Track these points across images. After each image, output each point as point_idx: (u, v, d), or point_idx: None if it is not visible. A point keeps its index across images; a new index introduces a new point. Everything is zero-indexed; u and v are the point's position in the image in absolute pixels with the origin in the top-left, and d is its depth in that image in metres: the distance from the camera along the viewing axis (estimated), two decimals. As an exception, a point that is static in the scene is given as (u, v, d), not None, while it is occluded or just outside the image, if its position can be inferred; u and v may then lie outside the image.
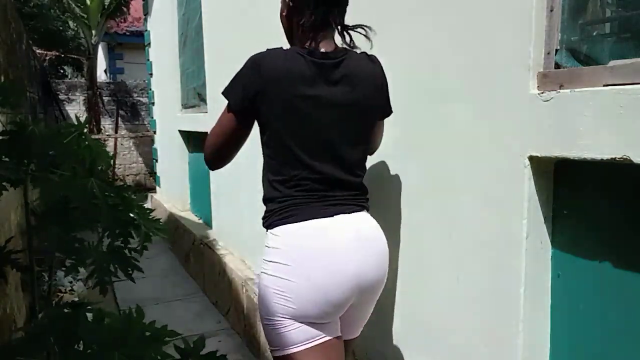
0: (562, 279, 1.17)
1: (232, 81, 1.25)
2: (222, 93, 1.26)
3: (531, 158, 1.13)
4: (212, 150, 1.32)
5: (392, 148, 1.58)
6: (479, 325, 1.29)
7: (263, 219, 1.28)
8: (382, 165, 1.63)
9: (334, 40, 1.28)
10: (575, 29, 1.13)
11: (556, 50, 1.12)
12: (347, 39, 1.29)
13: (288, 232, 1.21)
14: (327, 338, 1.23)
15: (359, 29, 1.30)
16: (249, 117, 1.25)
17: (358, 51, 1.32)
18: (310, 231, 1.20)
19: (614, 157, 0.95)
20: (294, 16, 1.28)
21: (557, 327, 1.19)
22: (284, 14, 1.32)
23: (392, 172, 1.59)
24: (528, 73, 1.12)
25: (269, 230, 1.26)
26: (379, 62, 1.35)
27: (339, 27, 1.29)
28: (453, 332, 1.38)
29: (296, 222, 1.20)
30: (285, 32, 1.36)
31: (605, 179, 1.07)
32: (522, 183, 1.14)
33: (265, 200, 1.29)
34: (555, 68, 1.11)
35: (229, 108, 1.25)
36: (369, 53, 1.35)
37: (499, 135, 1.20)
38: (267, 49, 1.24)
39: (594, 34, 1.17)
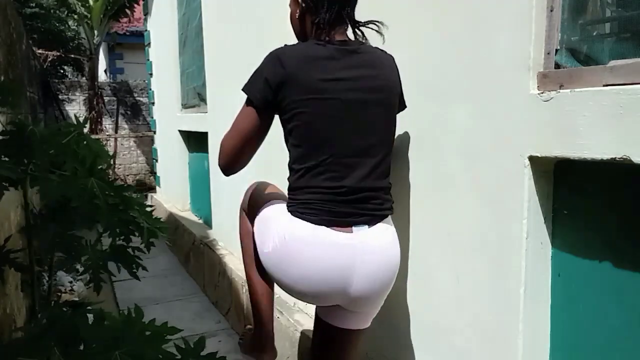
0: (562, 278, 1.17)
1: (252, 77, 1.25)
2: (243, 89, 1.26)
3: (531, 158, 1.13)
4: (232, 152, 1.30)
5: (392, 148, 1.58)
6: (479, 325, 1.29)
7: (289, 203, 1.30)
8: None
9: (347, 35, 1.31)
10: (575, 29, 1.13)
11: (556, 50, 1.12)
12: (360, 35, 1.32)
13: (303, 229, 1.24)
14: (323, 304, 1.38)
15: (370, 25, 1.32)
16: (271, 111, 1.26)
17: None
18: (319, 239, 1.23)
19: (614, 157, 0.95)
20: (307, 16, 1.30)
21: (557, 327, 1.19)
22: (296, 15, 1.33)
23: (392, 172, 1.59)
24: (528, 73, 1.12)
25: (289, 212, 1.29)
26: (390, 54, 1.37)
27: (352, 23, 1.31)
28: (453, 332, 1.38)
29: (313, 222, 1.23)
30: (296, 34, 1.38)
31: (605, 179, 1.07)
32: (522, 183, 1.14)
33: (292, 189, 1.29)
34: (555, 68, 1.11)
35: (249, 104, 1.25)
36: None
37: (499, 135, 1.20)
38: (285, 45, 1.25)
39: (594, 34, 1.17)
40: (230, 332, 2.87)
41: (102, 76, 10.83)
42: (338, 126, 1.23)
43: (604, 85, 0.99)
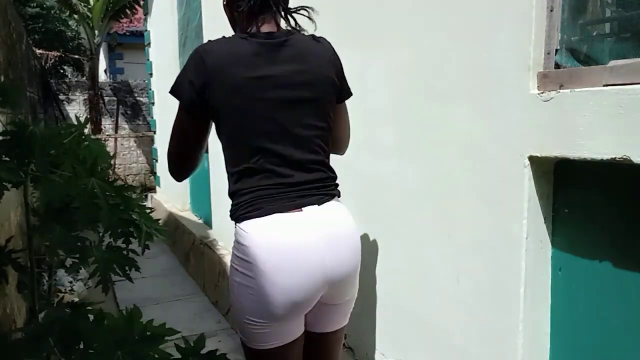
0: (562, 278, 1.17)
1: (178, 78, 1.21)
2: (170, 92, 1.22)
3: (531, 158, 1.13)
4: (173, 158, 1.27)
5: (392, 148, 1.58)
6: (479, 325, 1.29)
7: (230, 211, 1.24)
8: (382, 165, 1.63)
9: (276, 23, 1.24)
10: (575, 29, 1.13)
11: (556, 50, 1.12)
12: (292, 22, 1.26)
13: (253, 227, 1.17)
14: (292, 338, 1.24)
15: (301, 11, 1.26)
16: (201, 111, 1.20)
17: (306, 33, 1.28)
18: (275, 227, 1.17)
19: (614, 157, 0.95)
20: (233, 3, 1.25)
21: (557, 327, 1.19)
22: (224, 2, 1.29)
23: (392, 172, 1.59)
24: (528, 73, 1.12)
25: (236, 224, 1.22)
26: (327, 41, 1.30)
27: (282, 11, 1.25)
28: (453, 332, 1.38)
29: (261, 216, 1.17)
30: (229, 21, 1.33)
31: (605, 179, 1.07)
32: (522, 183, 1.15)
33: (231, 194, 1.24)
34: (555, 68, 1.11)
35: (180, 106, 1.21)
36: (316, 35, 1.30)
37: (499, 135, 1.20)
38: (209, 40, 1.21)
39: (594, 34, 1.17)
40: (230, 332, 2.87)
41: (102, 76, 10.82)
42: (266, 126, 1.18)
43: (604, 85, 0.99)
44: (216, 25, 3.31)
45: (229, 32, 1.20)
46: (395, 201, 1.58)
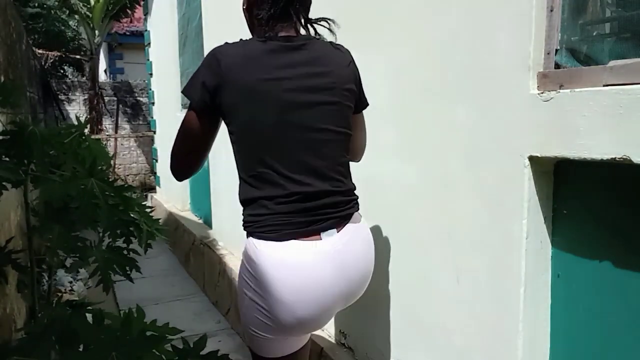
0: (562, 279, 1.17)
1: (191, 79, 1.18)
2: (182, 92, 1.20)
3: (531, 158, 1.13)
4: (178, 155, 1.25)
5: (392, 148, 1.58)
6: (479, 325, 1.29)
7: (244, 222, 1.22)
8: (382, 165, 1.63)
9: (295, 30, 1.22)
10: (575, 29, 1.13)
11: (556, 50, 1.12)
12: (312, 32, 1.23)
13: (269, 250, 1.15)
14: (300, 346, 1.25)
15: (322, 22, 1.24)
16: (213, 114, 1.18)
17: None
18: (291, 256, 1.14)
19: (614, 157, 0.95)
20: (253, 9, 1.23)
21: (557, 327, 1.19)
22: (244, 6, 1.28)
23: (392, 172, 1.59)
24: (528, 73, 1.12)
25: (250, 237, 1.20)
26: (345, 49, 1.28)
27: (302, 21, 1.22)
28: (453, 332, 1.38)
29: (278, 240, 1.14)
30: (248, 25, 1.31)
31: (605, 179, 1.07)
32: (522, 183, 1.15)
33: (244, 202, 1.21)
34: (555, 68, 1.11)
35: (191, 107, 1.19)
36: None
37: (499, 135, 1.20)
38: (226, 42, 1.19)
39: (594, 34, 1.17)
40: (230, 332, 2.87)
41: (102, 76, 10.83)
42: (280, 130, 1.14)
43: (604, 85, 0.99)
44: (216, 25, 3.32)
45: (229, 32, 1.20)
46: (395, 201, 1.58)
